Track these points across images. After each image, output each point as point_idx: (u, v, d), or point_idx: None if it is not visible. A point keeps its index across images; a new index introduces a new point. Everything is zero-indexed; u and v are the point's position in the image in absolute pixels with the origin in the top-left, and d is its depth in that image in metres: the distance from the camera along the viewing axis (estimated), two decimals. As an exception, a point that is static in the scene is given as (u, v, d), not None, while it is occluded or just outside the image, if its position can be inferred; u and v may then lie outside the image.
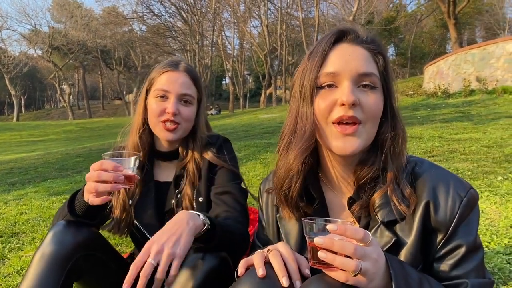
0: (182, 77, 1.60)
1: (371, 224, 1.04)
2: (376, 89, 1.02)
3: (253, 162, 5.58)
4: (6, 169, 8.19)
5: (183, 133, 1.61)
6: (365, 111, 0.99)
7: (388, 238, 1.00)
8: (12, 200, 4.82)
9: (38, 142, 20.17)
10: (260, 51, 37.21)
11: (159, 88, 1.58)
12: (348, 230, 0.81)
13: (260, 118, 16.54)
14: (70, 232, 1.34)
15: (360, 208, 1.06)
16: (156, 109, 1.56)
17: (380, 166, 1.04)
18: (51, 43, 43.30)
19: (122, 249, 2.85)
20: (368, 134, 1.01)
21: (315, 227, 0.86)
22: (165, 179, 1.67)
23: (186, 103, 1.60)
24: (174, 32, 38.73)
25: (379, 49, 1.06)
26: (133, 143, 1.63)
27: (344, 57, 1.02)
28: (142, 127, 1.65)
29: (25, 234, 3.43)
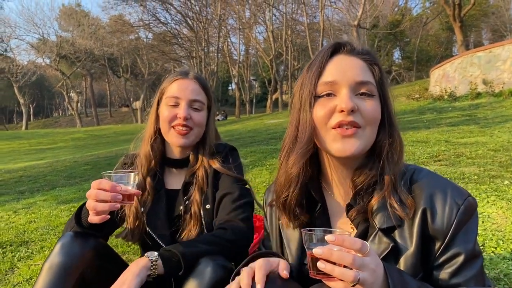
0: (192, 84, 1.66)
1: (370, 231, 1.05)
2: (373, 97, 1.05)
3: (259, 169, 5.59)
4: (15, 177, 8.28)
5: (195, 138, 1.65)
6: (364, 116, 1.02)
7: (386, 244, 1.01)
8: (21, 208, 4.87)
9: (46, 150, 20.35)
10: (266, 57, 37.33)
11: (170, 96, 1.63)
12: (346, 241, 0.82)
13: (266, 124, 16.57)
14: (77, 243, 1.37)
15: (357, 214, 1.07)
16: (168, 116, 1.61)
17: (378, 172, 1.05)
18: (58, 52, 43.77)
19: (130, 257, 2.88)
20: (367, 138, 1.04)
21: (314, 238, 0.88)
22: (175, 187, 1.70)
23: (197, 109, 1.64)
24: (180, 39, 39.00)
25: (374, 60, 1.10)
26: (145, 152, 1.68)
27: (341, 67, 1.06)
28: (154, 136, 1.69)
29: (34, 242, 3.47)
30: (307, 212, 1.17)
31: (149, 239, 1.62)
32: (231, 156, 1.70)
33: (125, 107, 64.47)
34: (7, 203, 5.37)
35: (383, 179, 1.04)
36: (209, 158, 1.65)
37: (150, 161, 1.67)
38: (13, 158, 16.66)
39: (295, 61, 39.67)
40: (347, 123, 1.01)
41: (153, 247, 1.60)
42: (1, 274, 2.81)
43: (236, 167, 1.67)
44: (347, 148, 1.02)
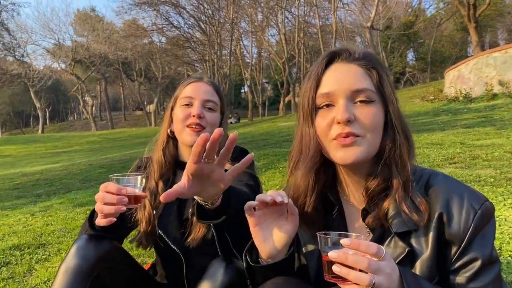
0: (205, 85, 1.69)
1: (386, 235, 1.05)
2: (372, 103, 1.04)
3: (272, 171, 5.59)
4: (32, 180, 8.42)
5: None
6: (362, 125, 1.02)
7: (402, 248, 1.00)
8: (38, 211, 4.95)
9: (62, 154, 20.64)
10: (278, 59, 37.33)
11: (184, 97, 1.66)
12: (361, 245, 0.82)
13: (279, 126, 16.57)
14: (92, 246, 1.39)
15: (373, 219, 1.07)
16: (182, 115, 1.63)
17: (387, 178, 1.05)
18: (74, 57, 44.42)
19: (144, 260, 2.91)
20: (370, 144, 1.03)
21: (330, 241, 0.88)
22: None
23: (210, 109, 1.66)
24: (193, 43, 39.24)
25: (372, 64, 1.09)
26: (157, 157, 1.69)
27: (337, 77, 1.06)
28: (166, 141, 1.71)
29: (51, 245, 3.53)
30: (324, 214, 1.18)
31: (162, 242, 1.63)
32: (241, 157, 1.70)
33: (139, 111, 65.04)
34: (24, 206, 5.47)
35: (392, 183, 1.04)
36: None
37: (162, 166, 1.68)
38: (30, 161, 16.95)
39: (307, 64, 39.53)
40: (345, 135, 1.01)
41: (165, 250, 1.61)
42: (20, 276, 2.86)
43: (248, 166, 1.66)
44: (349, 155, 1.02)
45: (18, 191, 7.04)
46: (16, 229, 4.19)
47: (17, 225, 4.35)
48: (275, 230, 1.05)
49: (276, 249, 1.04)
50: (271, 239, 1.04)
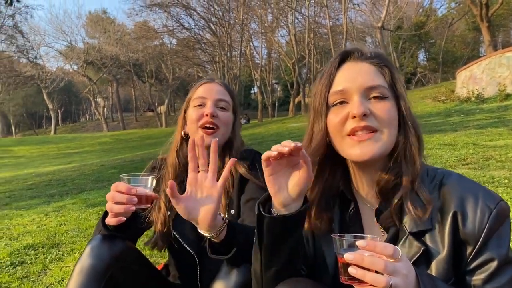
0: (217, 86, 1.71)
1: (400, 234, 1.04)
2: (386, 99, 1.05)
3: (283, 172, 5.59)
4: (45, 181, 8.52)
5: (222, 138, 1.66)
6: (378, 119, 1.03)
7: (417, 248, 1.00)
8: (51, 211, 5.01)
9: (74, 154, 20.85)
10: (288, 60, 37.29)
11: (196, 97, 1.68)
12: (377, 246, 0.82)
13: (289, 127, 16.55)
14: (106, 246, 1.41)
15: (387, 219, 1.07)
16: (195, 116, 1.64)
17: (398, 175, 1.05)
18: (86, 58, 44.89)
19: (157, 260, 2.92)
20: (385, 140, 1.03)
21: (345, 243, 0.88)
22: None
23: (223, 109, 1.67)
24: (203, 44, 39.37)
25: (384, 62, 1.10)
26: (171, 160, 1.70)
27: (350, 75, 1.07)
28: (180, 143, 1.73)
29: (64, 245, 3.57)
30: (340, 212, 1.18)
31: (176, 243, 1.63)
32: (258, 163, 1.67)
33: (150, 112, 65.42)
34: (38, 206, 5.54)
35: (402, 180, 1.04)
36: (235, 163, 1.64)
37: (176, 168, 1.69)
38: (43, 162, 17.14)
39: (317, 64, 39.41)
40: (361, 128, 1.01)
41: (179, 251, 1.62)
42: (34, 276, 2.90)
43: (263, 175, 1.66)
44: (365, 151, 1.02)
45: (32, 191, 7.12)
46: (31, 228, 4.24)
47: (31, 225, 4.40)
48: (290, 179, 1.03)
49: (290, 198, 1.02)
50: (285, 188, 1.03)
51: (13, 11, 38.30)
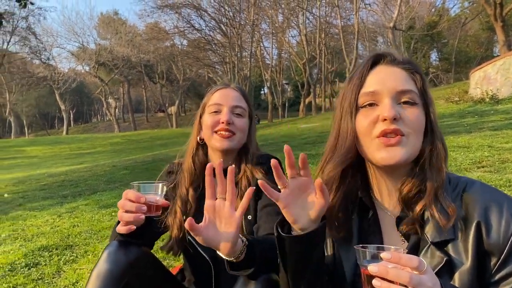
0: (233, 91, 1.70)
1: (422, 244, 1.02)
2: (416, 105, 1.04)
3: (295, 174, 5.56)
4: (58, 181, 8.60)
5: (237, 143, 1.66)
6: (407, 124, 1.01)
7: (440, 258, 0.98)
8: (65, 212, 5.05)
9: (86, 155, 21.04)
10: (299, 60, 37.24)
11: (212, 104, 1.67)
12: (402, 258, 0.80)
13: (300, 128, 16.50)
14: (123, 252, 1.41)
15: (408, 227, 1.05)
16: (210, 122, 1.64)
17: (422, 182, 1.04)
18: (97, 59, 45.31)
19: (170, 263, 2.93)
20: (412, 146, 1.02)
21: (368, 254, 0.86)
22: None
23: (238, 115, 1.66)
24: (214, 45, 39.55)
25: (415, 69, 1.10)
26: (187, 166, 1.71)
27: (382, 78, 1.07)
28: (196, 148, 1.73)
29: (78, 246, 3.59)
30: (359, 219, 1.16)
31: (191, 248, 1.63)
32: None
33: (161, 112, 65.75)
34: (51, 207, 5.58)
35: (426, 188, 1.03)
36: (252, 169, 1.65)
37: (192, 174, 1.69)
38: (55, 162, 17.32)
39: (328, 64, 39.35)
40: (391, 131, 1.00)
41: (195, 256, 1.62)
42: (49, 277, 2.92)
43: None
44: (392, 156, 1.01)
45: (45, 192, 7.19)
46: (44, 230, 4.28)
47: (45, 226, 4.44)
48: (307, 207, 1.02)
49: (309, 222, 1.02)
50: (303, 215, 1.02)
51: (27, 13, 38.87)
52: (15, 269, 3.12)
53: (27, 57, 47.82)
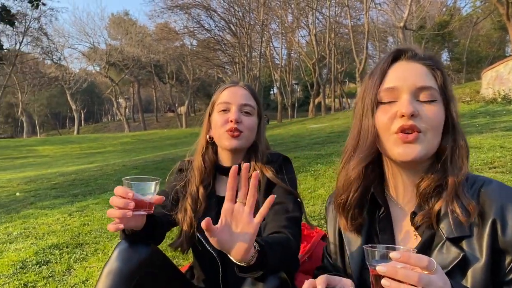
0: (241, 90, 1.70)
1: (436, 240, 1.02)
2: (435, 102, 1.04)
3: (304, 175, 5.55)
4: (69, 180, 8.67)
5: (246, 142, 1.66)
6: (425, 121, 1.02)
7: (456, 253, 0.97)
8: (75, 211, 5.09)
9: (96, 154, 21.20)
10: (309, 60, 37.17)
11: (221, 102, 1.67)
12: (411, 258, 0.80)
13: (309, 128, 16.46)
14: (133, 250, 1.42)
15: (422, 222, 1.05)
16: (219, 121, 1.64)
17: (442, 178, 1.04)
18: (108, 60, 45.69)
19: (179, 262, 2.94)
20: (429, 143, 1.03)
21: (377, 254, 0.86)
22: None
23: (247, 113, 1.67)
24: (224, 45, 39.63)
25: (436, 65, 1.09)
26: (197, 164, 1.72)
27: (402, 73, 1.07)
28: (206, 147, 1.74)
29: (88, 245, 3.62)
30: (369, 216, 1.17)
31: (200, 245, 1.64)
32: (285, 167, 1.68)
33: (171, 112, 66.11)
34: (62, 205, 5.63)
35: (446, 184, 1.03)
36: (262, 167, 1.65)
37: (202, 172, 1.70)
38: (66, 161, 17.47)
39: (338, 64, 39.20)
40: (408, 127, 1.01)
41: (203, 253, 1.63)
42: (59, 275, 2.95)
43: (290, 179, 1.64)
44: (409, 152, 1.02)
45: (56, 191, 7.26)
46: (55, 228, 4.32)
47: (56, 225, 4.48)
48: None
49: None
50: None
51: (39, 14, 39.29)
52: (26, 266, 3.16)
53: (39, 58, 48.31)
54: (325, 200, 4.21)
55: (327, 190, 4.58)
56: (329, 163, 6.24)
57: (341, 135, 10.80)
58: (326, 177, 5.25)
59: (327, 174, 5.41)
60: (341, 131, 12.07)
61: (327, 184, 4.87)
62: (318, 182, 5.02)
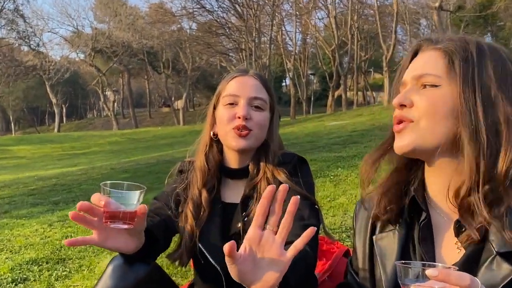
0: (251, 80, 1.70)
1: (484, 254, 1.01)
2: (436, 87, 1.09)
3: (322, 180, 5.56)
4: (48, 185, 8.75)
5: (255, 141, 1.66)
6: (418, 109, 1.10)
7: (508, 271, 0.96)
8: (56, 221, 5.14)
9: (80, 155, 21.37)
10: (327, 47, 37.09)
11: (227, 94, 1.67)
12: (451, 276, 0.79)
13: (328, 126, 16.45)
14: (129, 266, 1.43)
15: (468, 234, 1.03)
16: (225, 116, 1.64)
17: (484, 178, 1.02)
18: (93, 46, 45.91)
19: (177, 281, 2.95)
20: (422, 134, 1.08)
21: (411, 272, 0.86)
22: (232, 200, 1.72)
23: (258, 108, 1.66)
24: (228, 29, 39.63)
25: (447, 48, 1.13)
26: (200, 164, 1.71)
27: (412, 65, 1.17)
28: (209, 144, 1.73)
29: (71, 260, 3.65)
30: (406, 223, 1.18)
31: (202, 257, 1.65)
32: (300, 169, 1.68)
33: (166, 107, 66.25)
34: (41, 214, 5.69)
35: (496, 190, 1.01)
36: (273, 169, 1.65)
37: (205, 174, 1.69)
38: (45, 163, 17.63)
39: (362, 52, 39.06)
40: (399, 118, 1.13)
41: (205, 267, 1.64)
42: (38, 295, 2.98)
43: (306, 183, 1.64)
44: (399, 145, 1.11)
45: (34, 198, 7.33)
46: (33, 241, 4.36)
47: (34, 237, 4.53)
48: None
49: None
50: None
51: (14, -7, 39.57)
52: (0, 285, 3.19)
53: (15, 43, 48.68)
54: (346, 210, 4.21)
55: (350, 198, 4.58)
56: (351, 167, 6.24)
57: (365, 134, 10.79)
58: (348, 183, 5.24)
59: (349, 180, 5.41)
60: (365, 130, 12.05)
61: (349, 191, 4.87)
62: (338, 189, 5.02)
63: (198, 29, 44.93)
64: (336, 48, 33.95)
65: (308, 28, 40.00)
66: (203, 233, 1.65)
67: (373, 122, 14.63)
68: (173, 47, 46.41)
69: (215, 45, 42.30)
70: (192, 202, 1.66)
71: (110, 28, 47.45)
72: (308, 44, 45.20)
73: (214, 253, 1.61)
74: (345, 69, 36.32)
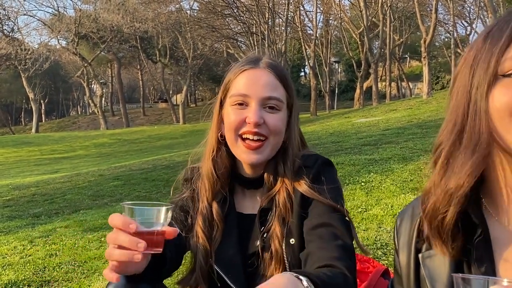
0: (265, 75, 1.64)
1: None
2: None
3: (351, 187, 5.54)
4: (27, 195, 8.82)
5: (271, 151, 1.62)
6: None
7: None
8: (38, 237, 5.19)
9: (63, 160, 21.49)
10: (354, 29, 36.97)
11: (236, 94, 1.61)
12: (517, 293, 0.80)
13: (356, 124, 16.38)
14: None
15: None
16: (233, 120, 1.59)
17: None
18: (77, 31, 46.16)
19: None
20: None
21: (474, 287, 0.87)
22: (249, 211, 1.72)
23: (273, 109, 1.61)
24: (236, 10, 39.62)
25: None
26: (207, 171, 1.69)
27: None
28: (217, 148, 1.70)
29: (57, 282, 3.68)
30: (463, 237, 1.15)
31: (219, 280, 1.65)
32: (324, 174, 1.65)
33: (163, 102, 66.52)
34: (20, 229, 5.74)
35: None
36: (293, 178, 1.63)
37: (214, 183, 1.68)
38: (21, 170, 17.75)
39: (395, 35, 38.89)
40: None
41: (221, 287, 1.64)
42: (20, 323, 3.01)
43: (333, 190, 1.61)
44: None
45: (10, 210, 7.39)
46: (12, 260, 4.40)
47: (13, 255, 4.57)
48: None
49: None
50: None
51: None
52: (-25, 312, 3.23)
53: (-16, 29, 49.18)
54: (381, 222, 4.20)
55: (385, 209, 4.56)
56: (386, 171, 6.22)
57: (401, 132, 10.72)
58: (382, 191, 5.22)
59: (384, 187, 5.39)
60: (401, 127, 11.98)
61: (383, 200, 4.85)
62: (371, 198, 5.00)
63: (200, 10, 45.03)
64: (364, 30, 33.81)
65: (331, 7, 39.89)
66: (218, 252, 1.65)
67: (411, 118, 14.53)
68: (171, 31, 46.52)
69: (221, 29, 42.35)
70: (202, 218, 1.65)
71: (97, 9, 47.63)
72: (331, 27, 45.07)
73: (233, 274, 1.62)
74: (376, 55, 36.14)
